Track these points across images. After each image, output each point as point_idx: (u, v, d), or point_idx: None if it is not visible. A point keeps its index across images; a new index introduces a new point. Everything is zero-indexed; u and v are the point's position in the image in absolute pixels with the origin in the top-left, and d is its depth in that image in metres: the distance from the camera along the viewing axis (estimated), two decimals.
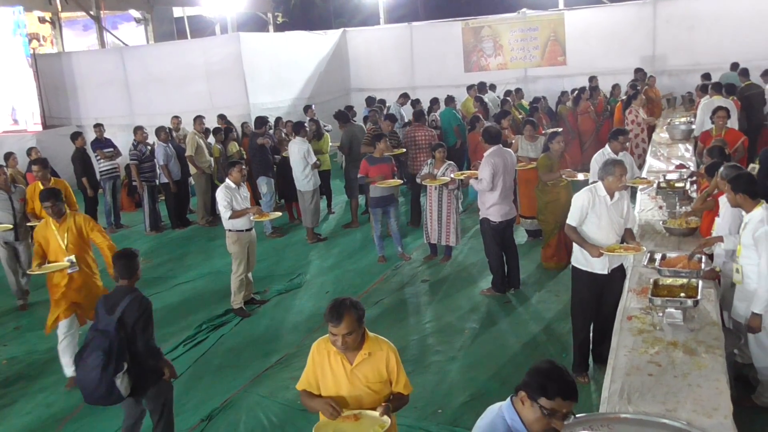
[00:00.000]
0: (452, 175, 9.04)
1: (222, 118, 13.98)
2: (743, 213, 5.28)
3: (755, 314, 5.08)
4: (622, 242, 5.92)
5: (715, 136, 9.06)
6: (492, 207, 8.05)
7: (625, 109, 12.87)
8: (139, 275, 5.09)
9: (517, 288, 8.39)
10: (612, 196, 5.78)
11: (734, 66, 14.32)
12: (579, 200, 5.84)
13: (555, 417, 2.75)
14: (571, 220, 5.89)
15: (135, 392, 4.96)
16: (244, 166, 8.50)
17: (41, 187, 8.29)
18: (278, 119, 13.97)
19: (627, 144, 8.69)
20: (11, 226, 8.68)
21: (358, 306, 3.67)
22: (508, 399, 2.91)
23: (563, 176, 8.61)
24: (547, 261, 9.02)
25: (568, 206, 6.36)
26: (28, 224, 8.77)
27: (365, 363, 3.75)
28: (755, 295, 5.06)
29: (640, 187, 8.35)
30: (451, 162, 9.30)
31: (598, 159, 7.81)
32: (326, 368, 3.79)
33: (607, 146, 8.13)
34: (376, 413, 3.67)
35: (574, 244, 6.01)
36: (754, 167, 7.65)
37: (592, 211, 5.79)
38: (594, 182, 6.31)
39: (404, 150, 11.15)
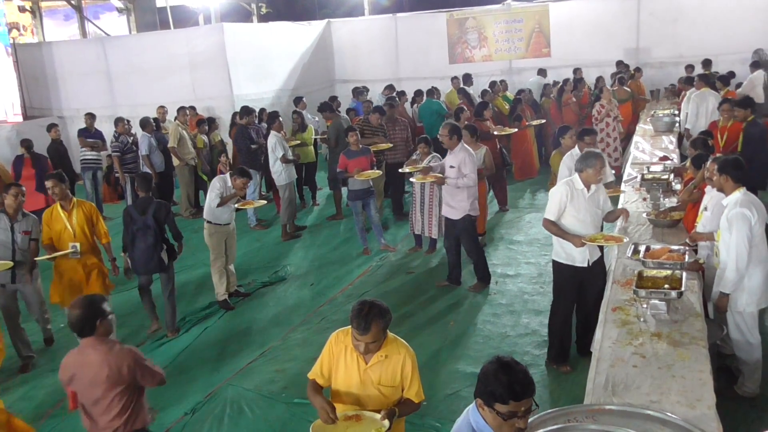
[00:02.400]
0: (413, 179, 8.98)
1: (192, 109, 13.84)
2: (722, 200, 5.34)
3: (723, 294, 5.17)
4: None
5: (720, 128, 9.08)
6: (472, 202, 7.94)
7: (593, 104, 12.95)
8: (154, 189, 7.63)
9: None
10: (588, 189, 5.82)
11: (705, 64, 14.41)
12: (557, 194, 5.86)
13: (515, 417, 2.72)
14: (549, 214, 5.90)
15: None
16: (250, 181, 8.45)
17: (61, 212, 7.00)
18: (262, 110, 13.89)
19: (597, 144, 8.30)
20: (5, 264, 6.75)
21: (386, 315, 3.61)
22: (474, 402, 2.88)
23: None
24: None
25: None
26: (40, 258, 7.07)
27: (380, 365, 3.71)
28: (724, 275, 5.14)
29: (625, 179, 8.37)
30: (436, 153, 9.28)
31: (567, 161, 7.53)
32: (341, 362, 3.76)
33: (575, 147, 7.67)
34: (378, 416, 3.63)
35: (554, 239, 6.02)
36: None
37: (570, 204, 5.82)
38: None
39: (391, 145, 11.09)
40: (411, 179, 9.19)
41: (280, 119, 11.13)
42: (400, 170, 9.45)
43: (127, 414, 4.03)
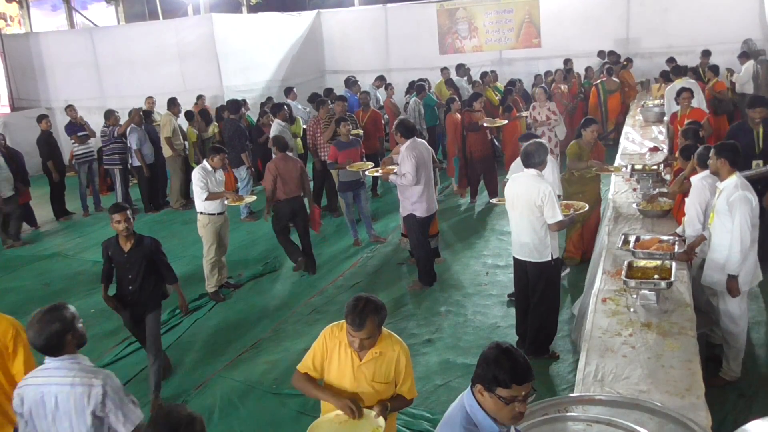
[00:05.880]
0: (366, 172, 8.99)
1: (201, 98, 13.81)
2: (717, 184, 5.41)
3: (731, 276, 5.22)
4: None
5: (681, 117, 9.13)
6: (417, 202, 7.78)
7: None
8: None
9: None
10: None
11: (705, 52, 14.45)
12: (552, 195, 5.89)
13: (516, 401, 2.74)
14: (560, 213, 5.94)
15: None
16: (227, 155, 8.40)
17: None
18: (269, 99, 13.88)
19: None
20: None
21: (382, 311, 3.59)
22: (469, 387, 2.89)
23: (593, 168, 7.94)
24: (570, 255, 8.32)
25: (593, 200, 6.97)
26: None
27: (374, 362, 3.68)
28: (728, 258, 5.19)
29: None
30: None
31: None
32: (334, 357, 3.73)
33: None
34: (373, 412, 3.62)
35: (548, 237, 6.00)
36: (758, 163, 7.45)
37: None
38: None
39: (361, 132, 11.11)
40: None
41: (286, 109, 11.24)
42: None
43: (303, 186, 8.34)
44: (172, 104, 12.54)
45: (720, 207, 5.25)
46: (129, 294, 5.97)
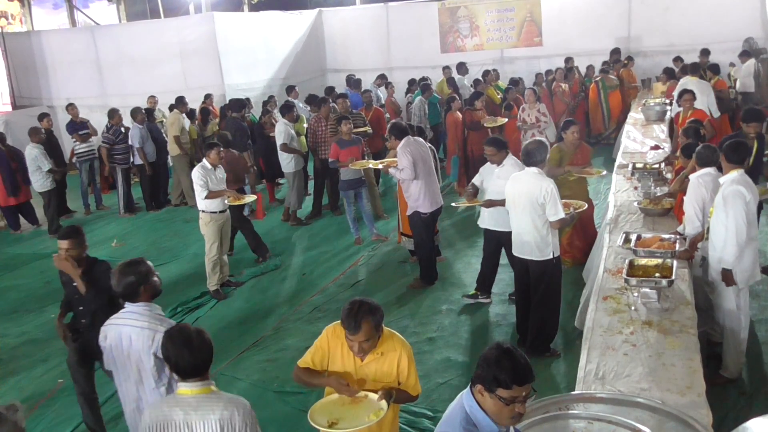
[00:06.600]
0: (370, 165, 9.07)
1: (209, 97, 13.82)
2: (720, 179, 5.44)
3: (726, 270, 5.24)
4: None
5: (682, 119, 9.13)
6: (420, 198, 7.79)
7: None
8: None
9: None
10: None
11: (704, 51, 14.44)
12: (556, 192, 5.92)
13: (516, 402, 2.74)
14: (562, 211, 6.02)
15: None
16: (222, 148, 8.41)
17: None
18: (271, 97, 13.89)
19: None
20: None
21: (377, 312, 3.58)
22: (468, 387, 2.89)
23: (573, 173, 7.72)
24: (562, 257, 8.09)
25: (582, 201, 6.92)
26: None
27: (376, 362, 3.69)
28: (724, 251, 5.21)
29: (615, 169, 8.39)
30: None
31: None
32: (337, 356, 3.74)
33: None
34: (376, 395, 3.63)
35: (549, 235, 5.98)
36: None
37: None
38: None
39: (370, 129, 11.11)
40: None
41: (296, 109, 11.24)
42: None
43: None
44: (180, 103, 12.55)
45: (717, 201, 5.30)
46: (81, 327, 5.23)
